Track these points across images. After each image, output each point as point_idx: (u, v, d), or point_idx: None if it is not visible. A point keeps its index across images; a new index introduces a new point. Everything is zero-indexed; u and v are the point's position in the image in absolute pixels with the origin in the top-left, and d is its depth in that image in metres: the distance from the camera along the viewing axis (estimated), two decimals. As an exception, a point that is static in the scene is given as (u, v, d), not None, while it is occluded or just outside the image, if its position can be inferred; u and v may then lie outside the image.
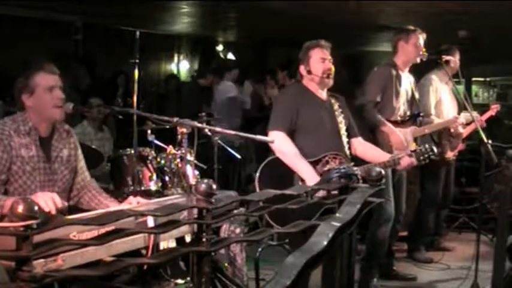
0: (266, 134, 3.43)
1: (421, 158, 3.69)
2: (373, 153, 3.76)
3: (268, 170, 3.42)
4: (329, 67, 3.60)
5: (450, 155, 5.10)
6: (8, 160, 2.72)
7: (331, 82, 3.64)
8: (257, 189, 3.37)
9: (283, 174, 3.40)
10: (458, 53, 5.10)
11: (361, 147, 3.75)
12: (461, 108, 5.04)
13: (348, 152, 3.61)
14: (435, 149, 3.71)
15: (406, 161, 3.66)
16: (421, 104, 4.69)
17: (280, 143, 3.41)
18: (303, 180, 3.37)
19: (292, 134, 3.49)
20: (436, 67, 5.02)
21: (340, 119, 3.63)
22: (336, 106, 3.66)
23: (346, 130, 3.65)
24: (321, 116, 3.56)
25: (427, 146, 3.75)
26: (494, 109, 5.30)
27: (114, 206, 2.92)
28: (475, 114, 4.66)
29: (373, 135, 4.19)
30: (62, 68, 2.94)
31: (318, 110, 3.57)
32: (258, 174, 3.39)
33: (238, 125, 6.88)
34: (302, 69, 3.63)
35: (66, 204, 2.77)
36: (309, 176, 3.35)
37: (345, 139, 3.62)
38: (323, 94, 3.66)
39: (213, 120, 5.69)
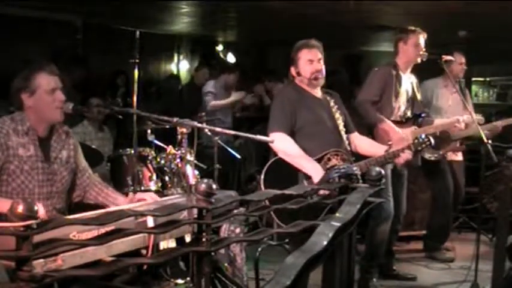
0: (266, 135, 3.42)
1: (419, 148, 3.65)
2: (371, 147, 3.76)
3: (273, 171, 3.37)
4: (317, 68, 3.56)
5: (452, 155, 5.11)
6: (0, 159, 2.71)
7: (320, 82, 3.62)
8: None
9: (287, 175, 3.36)
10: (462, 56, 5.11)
11: (359, 141, 3.76)
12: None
13: (348, 147, 3.61)
14: (431, 138, 3.68)
15: (405, 155, 3.63)
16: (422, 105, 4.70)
17: (283, 144, 3.40)
18: (308, 178, 3.35)
19: (293, 135, 3.47)
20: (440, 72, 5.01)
21: (338, 115, 3.63)
22: (332, 103, 3.65)
23: (344, 126, 3.65)
24: (319, 114, 3.55)
25: (423, 136, 3.73)
26: None
27: (121, 199, 2.95)
28: (476, 116, 4.64)
29: (372, 134, 4.20)
30: (62, 68, 2.95)
31: (316, 109, 3.56)
32: (262, 177, 3.34)
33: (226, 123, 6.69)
34: (292, 70, 3.63)
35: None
36: (315, 173, 3.33)
37: (344, 135, 3.62)
38: (318, 92, 3.66)
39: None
